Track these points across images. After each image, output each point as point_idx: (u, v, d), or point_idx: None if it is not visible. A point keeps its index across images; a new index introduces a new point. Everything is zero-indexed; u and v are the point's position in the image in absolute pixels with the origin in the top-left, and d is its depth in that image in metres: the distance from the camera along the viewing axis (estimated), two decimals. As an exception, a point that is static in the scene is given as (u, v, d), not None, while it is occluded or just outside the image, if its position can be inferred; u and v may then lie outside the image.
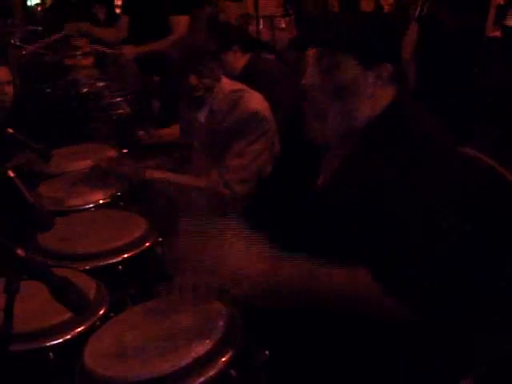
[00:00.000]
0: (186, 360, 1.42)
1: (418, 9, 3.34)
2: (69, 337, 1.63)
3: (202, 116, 2.67)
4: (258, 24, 5.89)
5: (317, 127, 1.54)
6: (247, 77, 3.19)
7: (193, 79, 2.55)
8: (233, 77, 2.86)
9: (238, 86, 2.69)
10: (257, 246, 1.49)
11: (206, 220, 1.54)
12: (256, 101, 2.62)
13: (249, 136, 2.51)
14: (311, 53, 1.54)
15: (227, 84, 2.66)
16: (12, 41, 4.74)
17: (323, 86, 1.51)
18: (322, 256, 1.47)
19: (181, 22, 4.15)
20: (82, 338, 1.60)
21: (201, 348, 1.44)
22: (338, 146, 1.57)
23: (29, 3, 7.29)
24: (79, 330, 1.64)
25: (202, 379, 1.41)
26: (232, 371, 1.46)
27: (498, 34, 3.80)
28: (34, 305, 1.64)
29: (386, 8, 5.74)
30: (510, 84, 3.67)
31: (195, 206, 2.45)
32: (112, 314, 1.73)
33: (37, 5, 7.37)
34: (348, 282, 1.44)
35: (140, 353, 1.46)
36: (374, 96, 1.51)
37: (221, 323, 1.53)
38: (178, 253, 1.56)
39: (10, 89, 3.19)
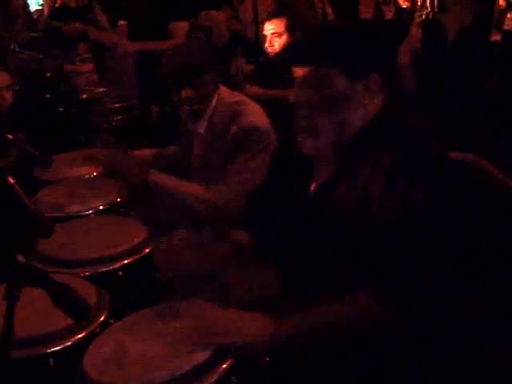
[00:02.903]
0: (186, 367, 1.41)
1: (424, 14, 3.34)
2: (69, 343, 1.62)
3: (200, 127, 2.57)
4: (257, 30, 5.88)
5: (308, 143, 1.54)
6: None
7: (188, 92, 2.46)
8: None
9: (238, 96, 2.61)
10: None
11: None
12: (256, 114, 2.53)
13: (249, 151, 2.44)
14: (297, 70, 1.54)
15: (226, 94, 2.58)
16: (12, 46, 4.75)
17: (311, 102, 1.51)
18: (316, 260, 1.47)
19: (180, 29, 4.15)
20: (82, 345, 1.59)
21: (201, 355, 1.44)
22: (331, 154, 1.57)
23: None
24: (79, 336, 1.63)
25: (202, 386, 1.41)
26: (233, 378, 1.46)
27: (497, 37, 3.80)
28: (34, 311, 1.63)
29: (388, 14, 5.72)
30: (509, 88, 3.67)
31: (191, 214, 2.42)
32: (112, 321, 1.73)
33: (37, 11, 7.39)
34: (349, 310, 1.45)
35: (140, 359, 1.46)
36: (363, 106, 1.51)
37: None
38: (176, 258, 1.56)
39: (8, 94, 3.19)
